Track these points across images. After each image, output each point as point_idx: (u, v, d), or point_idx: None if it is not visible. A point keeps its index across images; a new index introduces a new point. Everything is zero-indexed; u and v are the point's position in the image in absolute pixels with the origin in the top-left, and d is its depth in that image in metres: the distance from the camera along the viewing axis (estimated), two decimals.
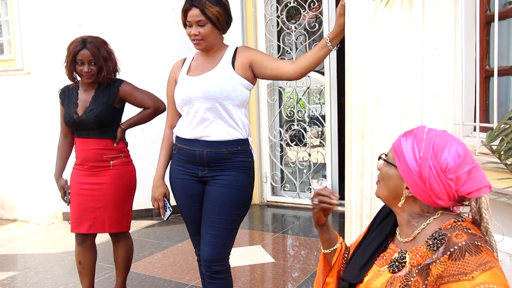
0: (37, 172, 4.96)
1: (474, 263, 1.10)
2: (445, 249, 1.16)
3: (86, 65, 2.60)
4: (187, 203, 2.25)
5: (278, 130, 5.44)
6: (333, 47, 2.09)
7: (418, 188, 1.25)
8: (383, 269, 1.34)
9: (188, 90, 2.15)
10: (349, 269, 1.44)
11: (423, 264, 1.21)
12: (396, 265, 1.30)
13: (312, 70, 2.18)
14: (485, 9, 2.62)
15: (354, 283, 1.39)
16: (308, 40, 5.15)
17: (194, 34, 2.11)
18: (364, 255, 1.42)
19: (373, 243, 1.42)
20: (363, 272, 1.38)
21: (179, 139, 2.24)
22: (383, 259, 1.37)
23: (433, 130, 1.29)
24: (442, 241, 1.19)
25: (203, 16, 2.08)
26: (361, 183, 2.08)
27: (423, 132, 1.28)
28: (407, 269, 1.26)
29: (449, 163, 1.21)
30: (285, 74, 2.17)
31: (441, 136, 1.26)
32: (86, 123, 2.64)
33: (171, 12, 4.94)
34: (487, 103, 2.67)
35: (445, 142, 1.24)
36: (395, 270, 1.29)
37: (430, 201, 1.25)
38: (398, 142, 1.31)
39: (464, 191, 1.22)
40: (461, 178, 1.21)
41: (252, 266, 3.58)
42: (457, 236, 1.17)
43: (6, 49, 5.18)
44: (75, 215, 2.70)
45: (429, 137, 1.25)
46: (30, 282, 3.41)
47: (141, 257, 3.81)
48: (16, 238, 4.57)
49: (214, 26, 2.12)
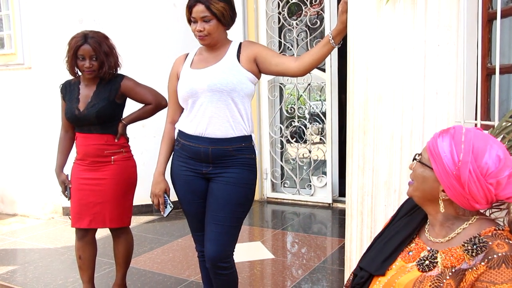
0: (37, 166, 4.96)
1: (507, 275, 1.10)
2: (485, 256, 1.14)
3: (88, 60, 2.59)
4: (189, 199, 2.25)
5: (278, 126, 5.44)
6: (336, 44, 2.09)
7: (456, 191, 1.21)
8: (411, 265, 1.30)
9: (194, 82, 2.14)
10: (370, 259, 1.40)
11: (459, 268, 1.19)
12: (426, 264, 1.26)
13: (316, 67, 2.18)
14: (487, 7, 2.62)
15: (373, 275, 1.36)
16: (310, 36, 5.14)
17: (199, 30, 2.10)
18: (387, 247, 1.38)
19: (398, 235, 1.39)
20: (386, 265, 1.35)
21: (182, 134, 2.22)
22: (409, 255, 1.34)
23: (471, 131, 1.24)
24: (483, 248, 1.16)
25: (208, 12, 2.08)
26: (362, 180, 2.07)
27: (461, 133, 1.23)
28: (439, 270, 1.23)
29: (490, 167, 1.18)
30: (289, 70, 2.16)
31: (481, 138, 1.22)
32: (87, 118, 2.64)
33: (173, 8, 4.94)
34: (488, 101, 2.67)
35: (485, 145, 1.20)
36: (425, 269, 1.26)
37: (467, 205, 1.23)
38: (434, 143, 1.25)
39: (503, 195, 1.19)
40: (502, 182, 1.18)
41: (251, 262, 3.58)
42: (499, 245, 1.15)
43: (7, 43, 5.17)
44: (75, 210, 2.71)
45: (468, 138, 1.21)
46: (30, 277, 3.42)
47: (141, 253, 3.81)
48: (16, 232, 4.58)
49: (219, 22, 2.12)
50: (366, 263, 1.41)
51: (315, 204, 5.23)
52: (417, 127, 1.93)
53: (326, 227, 4.57)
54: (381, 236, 1.46)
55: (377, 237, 1.47)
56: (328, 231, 4.43)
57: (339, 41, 2.11)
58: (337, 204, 5.15)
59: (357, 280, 1.42)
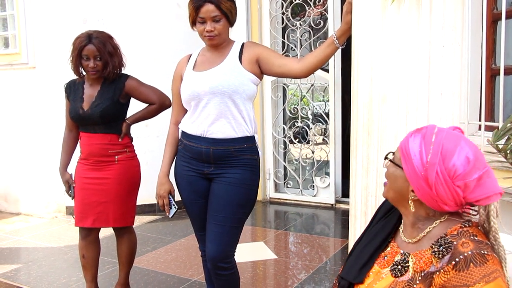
0: (41, 166, 4.97)
1: (478, 274, 1.06)
2: (451, 258, 1.12)
3: (92, 60, 2.60)
4: (192, 199, 2.25)
5: (281, 127, 5.44)
6: (340, 44, 2.08)
7: (424, 192, 1.19)
8: (385, 271, 1.29)
9: (195, 85, 2.14)
10: (349, 267, 1.39)
11: (427, 271, 1.17)
12: (398, 268, 1.25)
13: (319, 68, 2.17)
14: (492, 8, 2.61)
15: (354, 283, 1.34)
16: (313, 37, 5.14)
17: (210, 30, 2.09)
18: (364, 253, 1.36)
19: (374, 240, 1.37)
20: (364, 272, 1.33)
21: (185, 135, 2.23)
22: (384, 260, 1.32)
23: (443, 131, 1.21)
24: (448, 249, 1.14)
25: (218, 11, 2.07)
26: (366, 181, 2.08)
27: (432, 133, 1.21)
28: (410, 274, 1.21)
29: (458, 169, 1.14)
30: (291, 72, 2.16)
31: (451, 138, 1.19)
32: (91, 118, 2.64)
33: (176, 8, 4.94)
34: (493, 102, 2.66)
35: (455, 146, 1.16)
36: (397, 274, 1.24)
37: (436, 206, 1.20)
38: (406, 143, 1.24)
39: (472, 198, 1.16)
40: (470, 185, 1.14)
41: (254, 263, 3.58)
42: (463, 244, 1.12)
43: (11, 43, 5.18)
44: (79, 209, 2.71)
45: (438, 139, 1.18)
46: (33, 275, 3.43)
47: (144, 252, 3.82)
48: (20, 231, 4.59)
49: (227, 21, 2.12)
50: (345, 272, 1.39)
51: (318, 204, 5.23)
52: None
53: (329, 228, 4.57)
54: (360, 241, 1.43)
55: (357, 243, 1.44)
56: (331, 232, 4.43)
57: (343, 42, 2.09)
58: (340, 204, 5.14)
59: None
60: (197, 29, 2.15)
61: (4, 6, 5.20)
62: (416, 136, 1.23)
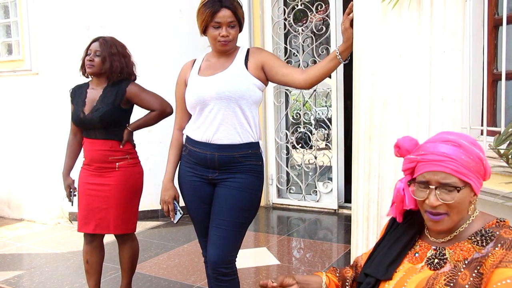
0: (44, 172, 4.99)
1: None
2: (496, 242, 1.19)
3: (92, 55, 2.66)
4: (196, 204, 2.25)
5: (284, 132, 5.44)
6: (343, 60, 2.09)
7: (480, 183, 1.28)
8: (420, 266, 1.32)
9: (201, 90, 2.14)
10: (375, 265, 1.41)
11: (471, 258, 1.22)
12: (436, 262, 1.29)
13: (321, 81, 2.18)
14: (493, 13, 2.62)
15: (380, 280, 1.37)
16: (315, 42, 5.15)
17: (225, 35, 2.10)
18: (391, 252, 1.40)
19: (400, 240, 1.41)
20: (392, 269, 1.36)
21: (189, 140, 2.23)
22: (415, 256, 1.35)
23: (435, 136, 1.34)
24: (492, 237, 1.22)
25: (234, 17, 2.10)
26: (368, 186, 2.07)
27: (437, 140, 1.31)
28: (452, 264, 1.25)
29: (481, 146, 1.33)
30: (295, 82, 2.16)
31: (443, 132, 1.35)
32: (91, 122, 2.65)
33: (179, 13, 4.96)
34: (494, 107, 2.66)
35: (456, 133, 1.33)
36: (436, 267, 1.28)
37: (480, 183, 1.28)
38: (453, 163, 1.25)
39: None
40: None
41: (257, 268, 3.58)
42: (506, 232, 1.21)
43: (14, 50, 5.22)
44: (82, 215, 2.72)
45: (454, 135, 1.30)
46: (36, 282, 3.43)
47: (147, 258, 3.82)
48: (23, 237, 4.60)
49: (239, 27, 2.16)
50: (372, 269, 1.41)
51: (321, 210, 5.22)
52: (423, 133, 1.92)
53: (331, 233, 4.56)
54: (382, 243, 1.47)
55: (377, 244, 1.49)
56: (334, 237, 4.42)
57: (346, 57, 2.10)
58: (343, 210, 5.13)
59: (363, 287, 1.41)
60: (209, 34, 2.14)
61: (7, 13, 5.23)
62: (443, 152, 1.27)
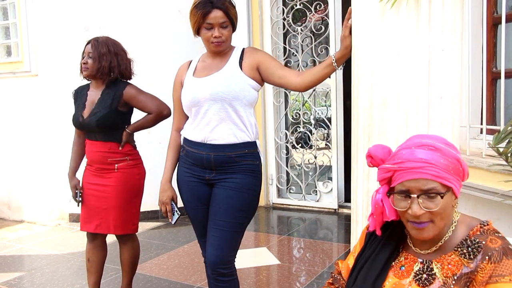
0: (44, 173, 4.99)
1: (510, 266, 1.12)
2: (483, 255, 1.15)
3: (86, 58, 2.67)
4: (194, 205, 2.25)
5: (284, 132, 5.44)
6: (338, 67, 2.10)
7: (460, 185, 1.23)
8: (408, 281, 1.26)
9: (196, 91, 2.14)
10: (361, 281, 1.34)
11: (460, 273, 1.18)
12: (425, 277, 1.23)
13: (316, 85, 2.20)
14: (492, 11, 2.62)
15: None
16: (314, 42, 5.15)
17: (218, 36, 2.10)
18: (376, 264, 1.33)
19: (383, 251, 1.34)
20: (378, 284, 1.30)
21: (186, 141, 2.23)
22: (401, 270, 1.29)
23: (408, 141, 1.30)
24: (479, 249, 1.17)
25: (226, 17, 2.10)
26: (367, 185, 2.07)
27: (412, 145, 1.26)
28: (441, 281, 1.20)
29: None
30: (290, 85, 2.17)
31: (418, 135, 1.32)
32: (89, 126, 2.66)
33: (178, 14, 4.96)
34: (494, 106, 2.66)
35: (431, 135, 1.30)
36: (425, 284, 1.22)
37: (460, 185, 1.23)
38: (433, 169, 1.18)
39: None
40: None
41: (257, 268, 3.58)
42: (492, 241, 1.17)
43: (13, 51, 5.22)
44: (85, 214, 2.74)
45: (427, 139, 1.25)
46: (36, 283, 3.43)
47: (147, 259, 3.82)
48: (23, 239, 4.60)
49: (232, 28, 2.15)
50: (359, 284, 1.34)
51: (321, 209, 5.22)
52: (422, 132, 1.92)
53: (332, 233, 4.56)
54: (362, 254, 1.40)
55: (358, 256, 1.41)
56: (334, 237, 4.42)
57: (341, 64, 2.11)
58: (343, 209, 5.13)
59: None
60: (202, 35, 2.14)
61: (6, 15, 5.23)
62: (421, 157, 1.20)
